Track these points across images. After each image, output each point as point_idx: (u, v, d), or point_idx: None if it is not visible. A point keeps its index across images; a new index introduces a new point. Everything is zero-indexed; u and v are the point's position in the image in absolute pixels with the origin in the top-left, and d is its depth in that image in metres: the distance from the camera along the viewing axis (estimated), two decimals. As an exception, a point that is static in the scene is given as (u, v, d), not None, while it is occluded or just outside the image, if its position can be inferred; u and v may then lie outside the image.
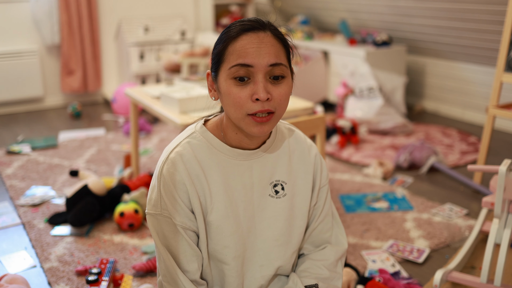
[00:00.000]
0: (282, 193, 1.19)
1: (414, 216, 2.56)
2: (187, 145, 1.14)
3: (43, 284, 2.01)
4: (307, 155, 1.24)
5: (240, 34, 1.07)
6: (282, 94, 1.08)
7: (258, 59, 1.05)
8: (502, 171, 1.67)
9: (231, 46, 1.07)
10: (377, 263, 2.12)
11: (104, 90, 4.93)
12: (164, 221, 1.12)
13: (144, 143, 3.67)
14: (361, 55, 4.18)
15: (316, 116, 2.31)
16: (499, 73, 2.69)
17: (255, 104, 1.06)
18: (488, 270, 1.72)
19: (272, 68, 1.06)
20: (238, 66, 1.05)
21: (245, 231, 1.16)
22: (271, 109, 1.07)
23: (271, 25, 1.11)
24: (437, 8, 3.89)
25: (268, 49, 1.06)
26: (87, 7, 4.59)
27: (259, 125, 1.08)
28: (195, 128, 1.18)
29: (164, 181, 1.11)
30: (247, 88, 1.06)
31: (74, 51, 4.65)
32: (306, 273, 1.24)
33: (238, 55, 1.06)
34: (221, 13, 5.43)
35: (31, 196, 2.78)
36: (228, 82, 1.07)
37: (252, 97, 1.06)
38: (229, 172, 1.14)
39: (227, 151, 1.15)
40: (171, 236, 1.12)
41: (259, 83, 1.05)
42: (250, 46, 1.06)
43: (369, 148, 3.57)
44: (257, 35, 1.07)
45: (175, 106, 2.37)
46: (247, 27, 1.08)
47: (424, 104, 4.65)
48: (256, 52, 1.05)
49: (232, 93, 1.06)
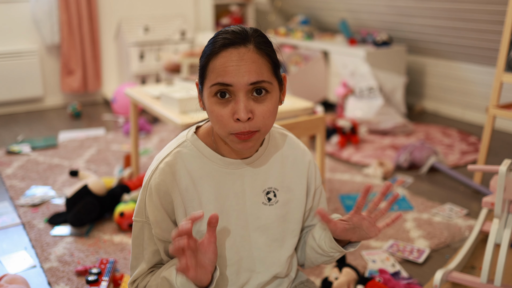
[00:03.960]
0: (274, 200, 1.18)
1: (414, 216, 2.56)
2: (177, 155, 1.12)
3: (43, 284, 2.01)
4: (300, 161, 1.23)
5: (220, 50, 1.03)
6: (265, 111, 1.04)
7: (237, 77, 1.01)
8: (502, 171, 1.67)
9: (211, 62, 1.04)
10: (377, 263, 2.12)
11: (104, 90, 4.93)
12: (147, 228, 1.13)
13: (144, 143, 3.67)
14: (361, 55, 4.18)
15: (316, 116, 2.31)
16: (499, 73, 2.68)
17: (237, 124, 1.03)
18: (488, 270, 1.72)
19: (254, 86, 1.03)
20: (218, 85, 1.02)
21: (238, 240, 1.15)
22: (253, 130, 1.04)
23: (257, 35, 1.05)
24: (437, 8, 3.89)
25: (248, 67, 1.01)
26: (87, 7, 4.59)
27: (242, 142, 1.05)
28: (186, 136, 1.16)
29: (150, 191, 1.11)
30: (229, 107, 1.03)
31: (74, 51, 4.64)
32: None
33: (217, 73, 1.02)
34: (221, 13, 5.44)
35: (31, 196, 2.78)
36: (210, 100, 1.05)
37: (234, 116, 1.03)
38: (220, 181, 1.13)
39: (218, 161, 1.13)
40: (148, 242, 1.14)
41: (240, 102, 1.02)
42: (229, 64, 1.01)
43: (369, 148, 3.57)
44: (238, 51, 1.02)
45: (175, 106, 2.37)
46: (228, 42, 1.03)
47: (424, 104, 4.65)
48: (236, 71, 1.01)
49: (214, 111, 1.04)
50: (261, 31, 1.08)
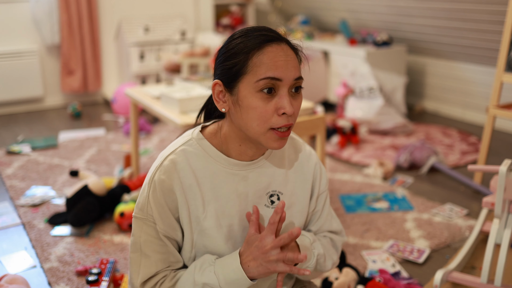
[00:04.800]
0: (277, 203, 1.18)
1: (415, 216, 2.56)
2: (181, 153, 1.12)
3: (43, 284, 2.01)
4: (305, 164, 1.23)
5: (263, 45, 1.04)
6: (299, 107, 1.08)
7: (286, 72, 1.03)
8: (503, 171, 1.67)
9: (256, 57, 1.03)
10: (377, 263, 2.12)
11: (104, 90, 4.93)
12: (147, 226, 1.11)
13: (144, 143, 3.67)
14: (361, 55, 4.18)
15: (316, 116, 2.31)
16: (499, 73, 2.68)
17: (281, 118, 1.04)
18: (489, 270, 1.72)
19: (296, 81, 1.06)
20: (268, 80, 1.03)
21: (239, 241, 1.15)
22: (293, 123, 1.07)
23: (284, 36, 1.09)
24: (437, 8, 3.89)
25: (293, 62, 1.05)
26: (87, 7, 4.59)
27: (279, 140, 1.07)
28: (192, 135, 1.16)
29: (154, 187, 1.10)
30: (273, 102, 1.04)
31: (74, 51, 4.65)
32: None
33: (267, 67, 1.03)
34: (221, 13, 5.43)
35: (31, 196, 2.78)
36: (255, 96, 1.04)
37: (278, 111, 1.04)
38: (224, 181, 1.13)
39: (222, 161, 1.13)
40: (150, 240, 1.11)
41: (285, 97, 1.04)
42: (279, 59, 1.03)
43: (369, 148, 3.57)
44: (281, 48, 1.05)
45: (175, 106, 2.37)
46: (270, 38, 1.05)
47: (425, 104, 4.65)
48: (285, 65, 1.03)
49: (258, 106, 1.04)
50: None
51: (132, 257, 1.13)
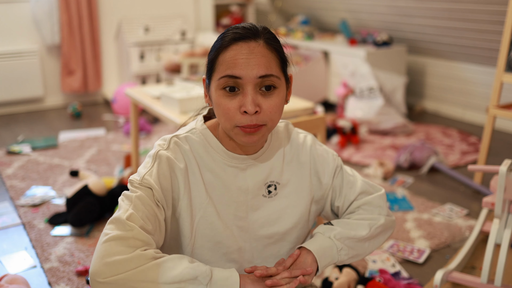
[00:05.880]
0: (274, 192, 1.19)
1: (415, 216, 2.56)
2: (185, 139, 1.14)
3: (43, 284, 2.01)
4: (301, 152, 1.23)
5: (230, 44, 1.05)
6: (272, 106, 1.06)
7: (246, 70, 1.03)
8: (503, 171, 1.67)
9: (221, 55, 1.06)
10: (377, 263, 2.12)
11: (104, 90, 4.93)
12: (144, 189, 1.05)
13: (144, 143, 3.67)
14: (361, 55, 4.18)
15: (317, 116, 2.31)
16: (499, 73, 2.68)
17: (244, 117, 1.04)
18: (489, 270, 1.72)
19: (262, 79, 1.05)
20: (227, 78, 1.04)
21: (236, 230, 1.16)
22: (260, 123, 1.05)
23: (267, 32, 1.08)
24: (437, 8, 3.89)
25: (257, 60, 1.04)
26: (87, 7, 4.59)
27: (247, 135, 1.06)
28: (196, 125, 1.18)
29: (160, 159, 1.09)
30: (236, 100, 1.05)
31: (74, 51, 4.65)
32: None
33: (227, 66, 1.04)
34: (221, 13, 5.43)
35: (31, 196, 2.78)
36: (218, 93, 1.06)
37: (241, 109, 1.04)
38: (223, 173, 1.14)
39: (222, 153, 1.14)
40: (144, 198, 1.04)
41: (248, 95, 1.04)
42: (239, 57, 1.04)
43: (369, 148, 3.57)
44: (248, 45, 1.05)
45: (175, 106, 2.37)
46: (238, 36, 1.05)
47: (425, 104, 4.65)
48: (245, 64, 1.03)
49: (221, 104, 1.05)
50: (269, 29, 1.11)
51: (121, 204, 1.04)
